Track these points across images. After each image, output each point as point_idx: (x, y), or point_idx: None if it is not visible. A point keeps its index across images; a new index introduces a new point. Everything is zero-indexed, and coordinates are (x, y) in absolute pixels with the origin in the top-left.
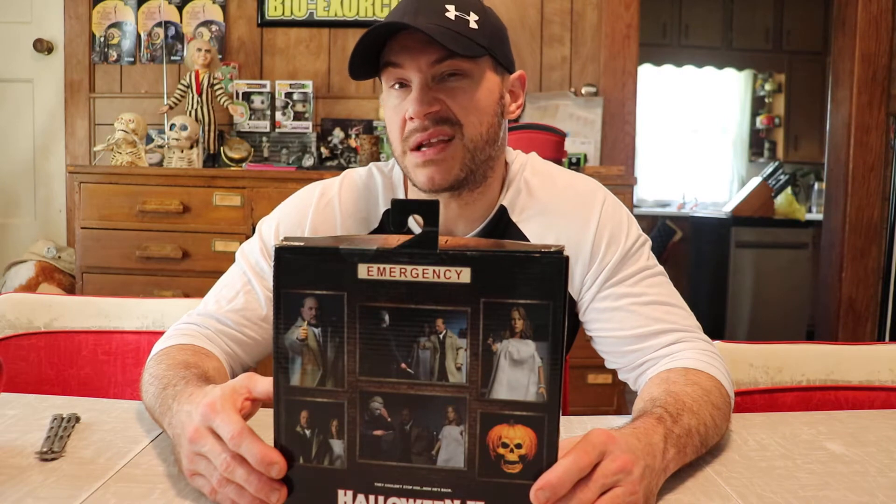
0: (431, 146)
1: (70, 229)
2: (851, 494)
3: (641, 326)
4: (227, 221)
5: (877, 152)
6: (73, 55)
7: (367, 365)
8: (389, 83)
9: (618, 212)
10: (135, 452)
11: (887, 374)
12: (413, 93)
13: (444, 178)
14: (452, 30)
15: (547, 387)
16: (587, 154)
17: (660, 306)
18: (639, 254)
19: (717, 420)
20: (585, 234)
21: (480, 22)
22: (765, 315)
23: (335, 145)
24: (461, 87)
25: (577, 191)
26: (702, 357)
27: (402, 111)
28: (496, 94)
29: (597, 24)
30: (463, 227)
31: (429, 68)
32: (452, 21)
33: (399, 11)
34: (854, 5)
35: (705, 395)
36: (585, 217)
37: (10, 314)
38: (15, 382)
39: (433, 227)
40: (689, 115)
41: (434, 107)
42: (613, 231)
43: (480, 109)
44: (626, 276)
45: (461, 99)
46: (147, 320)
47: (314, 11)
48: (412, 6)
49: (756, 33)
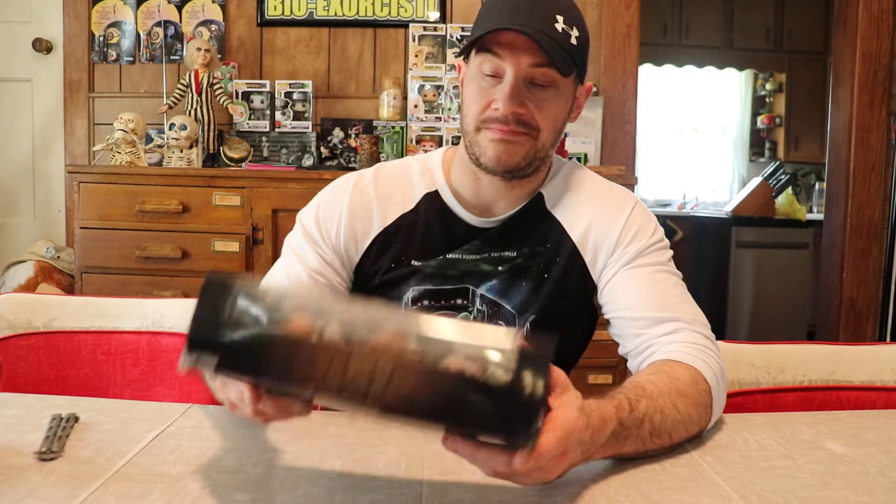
0: (508, 129)
1: (69, 229)
2: (852, 495)
3: (651, 310)
4: (226, 221)
5: (878, 152)
6: (73, 55)
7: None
8: (484, 68)
9: (648, 214)
10: (134, 452)
11: (889, 374)
12: (506, 88)
13: (509, 161)
14: (557, 41)
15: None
16: (587, 154)
17: (671, 297)
18: (661, 252)
19: (682, 407)
20: (615, 224)
21: (580, 38)
22: (765, 315)
23: (335, 145)
24: (548, 97)
25: (613, 191)
26: (688, 350)
27: (489, 96)
28: (570, 104)
29: (597, 23)
30: (503, 205)
31: (526, 69)
32: (559, 33)
33: (513, 7)
34: (855, 5)
35: (671, 383)
36: (618, 210)
37: (10, 314)
38: (14, 382)
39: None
40: (689, 114)
41: (521, 109)
42: (642, 226)
43: (557, 120)
44: (645, 263)
45: (545, 109)
46: (146, 320)
47: (314, 11)
48: (526, 6)
49: (757, 33)
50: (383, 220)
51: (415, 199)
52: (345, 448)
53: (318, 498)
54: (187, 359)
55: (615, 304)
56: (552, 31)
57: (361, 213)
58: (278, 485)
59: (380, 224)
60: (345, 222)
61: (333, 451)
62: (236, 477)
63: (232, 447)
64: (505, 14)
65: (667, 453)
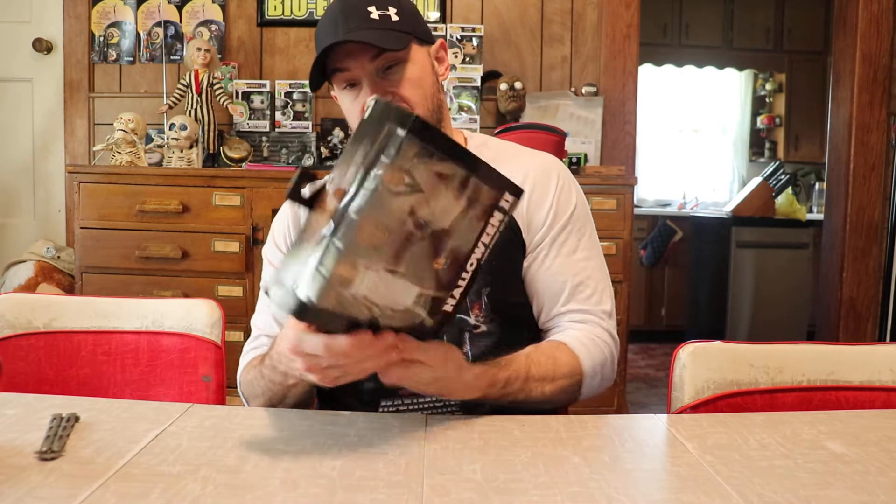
0: None
1: (69, 229)
2: (852, 494)
3: (566, 298)
4: (226, 221)
5: (878, 152)
6: (73, 55)
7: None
8: (341, 86)
9: (572, 178)
10: (134, 452)
11: (888, 374)
12: (366, 89)
13: None
14: (379, 28)
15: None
16: (587, 154)
17: (587, 284)
18: (586, 223)
19: (547, 390)
20: (546, 192)
21: (399, 12)
22: (765, 315)
23: (335, 145)
24: (401, 72)
25: (539, 156)
26: (584, 340)
27: (359, 105)
28: (428, 66)
29: (597, 23)
30: None
31: (371, 64)
32: (377, 21)
33: (330, 22)
34: (855, 5)
35: (551, 369)
36: (546, 177)
37: (10, 314)
38: (14, 382)
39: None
40: (689, 114)
41: (387, 96)
42: (569, 194)
43: (423, 85)
44: (570, 242)
45: (405, 84)
46: (146, 320)
47: (314, 11)
48: (340, 14)
49: (756, 33)
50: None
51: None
52: (345, 448)
53: (318, 498)
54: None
55: (538, 277)
56: (370, 23)
57: (298, 217)
58: (278, 485)
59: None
60: (291, 228)
61: (333, 451)
62: (236, 477)
63: (232, 447)
64: (329, 32)
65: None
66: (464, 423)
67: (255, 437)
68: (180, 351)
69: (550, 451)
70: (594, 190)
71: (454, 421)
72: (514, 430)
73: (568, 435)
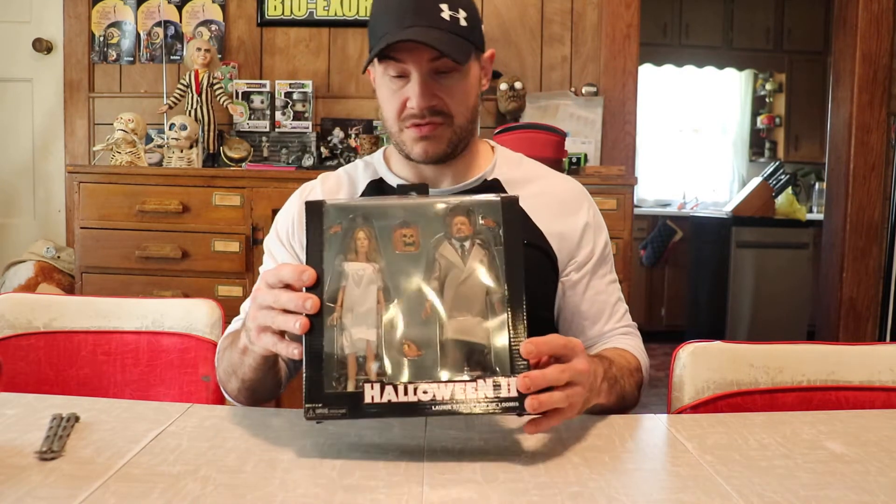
0: (427, 124)
1: (69, 229)
2: (852, 494)
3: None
4: (226, 221)
5: (878, 152)
6: (73, 55)
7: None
8: (390, 72)
9: (597, 211)
10: (134, 452)
11: (888, 374)
12: (414, 86)
13: (436, 152)
14: (448, 31)
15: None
16: (587, 154)
17: (618, 308)
18: (609, 255)
19: (630, 381)
20: (576, 223)
21: (468, 18)
22: (765, 315)
23: (335, 145)
24: (454, 82)
25: (569, 184)
26: (635, 348)
27: (402, 96)
28: (477, 79)
29: (597, 23)
30: (447, 182)
31: (429, 64)
32: (447, 22)
33: (398, 10)
34: (855, 5)
35: (627, 366)
36: (577, 207)
37: (10, 314)
38: (14, 382)
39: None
40: (689, 115)
41: (433, 102)
42: (598, 227)
43: (468, 99)
44: (600, 275)
45: (455, 93)
46: (146, 320)
47: (314, 11)
48: (409, 9)
49: (756, 33)
50: None
51: (360, 190)
52: (345, 448)
53: (318, 498)
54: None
55: (582, 300)
56: (440, 23)
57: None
58: (278, 485)
59: None
60: (297, 224)
61: (333, 451)
62: (236, 477)
63: (232, 447)
64: (393, 18)
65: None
66: (464, 423)
67: (255, 437)
68: (180, 351)
69: (550, 451)
70: (594, 190)
71: (454, 421)
72: (515, 430)
73: (568, 435)
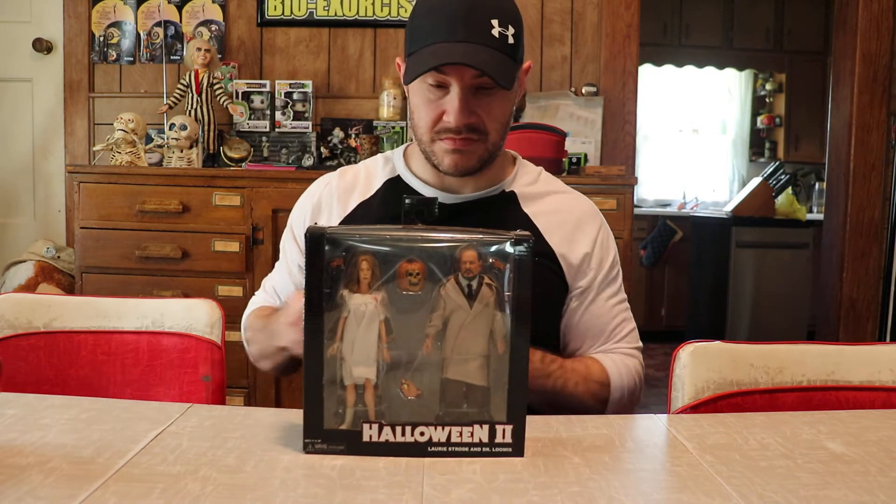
0: (462, 139)
1: (69, 229)
2: (852, 494)
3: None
4: (226, 221)
5: (878, 152)
6: (73, 55)
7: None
8: (429, 80)
9: (608, 230)
10: (134, 452)
11: (888, 374)
12: (454, 101)
13: (465, 166)
14: (496, 49)
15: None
16: (587, 154)
17: (620, 328)
18: (618, 273)
19: (583, 388)
20: (586, 240)
21: (516, 34)
22: (765, 315)
23: (335, 145)
24: (494, 101)
25: (582, 202)
26: (616, 364)
27: (439, 107)
28: (515, 94)
29: (597, 23)
30: (468, 191)
31: (470, 80)
32: (497, 39)
33: (449, 16)
34: (855, 5)
35: (584, 372)
36: (590, 226)
37: (10, 314)
38: (14, 382)
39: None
40: (689, 114)
41: (471, 119)
42: (608, 246)
43: (504, 117)
44: (607, 295)
45: (493, 112)
46: (146, 320)
47: (314, 11)
48: (461, 20)
49: (757, 33)
50: (344, 209)
51: (375, 187)
52: None
53: (318, 498)
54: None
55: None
56: (490, 41)
57: (323, 206)
58: (278, 485)
59: (340, 214)
60: (308, 218)
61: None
62: (236, 477)
63: (232, 447)
64: (444, 27)
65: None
66: None
67: (255, 437)
68: (180, 351)
69: (550, 451)
70: (594, 190)
71: None
72: None
73: (568, 435)
